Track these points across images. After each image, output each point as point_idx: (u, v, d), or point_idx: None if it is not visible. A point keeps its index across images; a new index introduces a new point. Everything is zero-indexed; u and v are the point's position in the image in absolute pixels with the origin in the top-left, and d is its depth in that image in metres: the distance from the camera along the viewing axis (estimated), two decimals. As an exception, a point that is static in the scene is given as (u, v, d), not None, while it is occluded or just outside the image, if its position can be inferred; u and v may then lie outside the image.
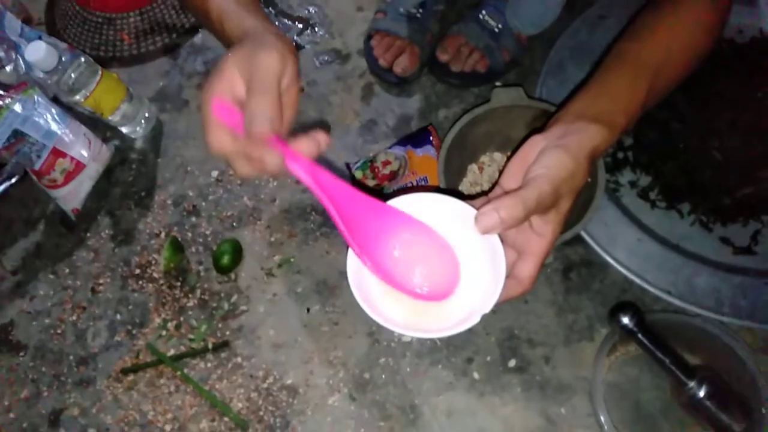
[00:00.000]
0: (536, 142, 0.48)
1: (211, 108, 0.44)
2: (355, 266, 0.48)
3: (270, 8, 0.95)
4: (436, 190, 0.61)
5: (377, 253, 0.47)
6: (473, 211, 0.45)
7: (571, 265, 0.75)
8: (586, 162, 0.47)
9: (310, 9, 0.95)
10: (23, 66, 0.73)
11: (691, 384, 0.61)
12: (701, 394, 0.60)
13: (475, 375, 0.70)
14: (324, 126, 0.85)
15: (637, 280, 0.70)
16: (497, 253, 0.46)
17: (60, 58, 0.72)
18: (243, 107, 0.44)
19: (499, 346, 0.71)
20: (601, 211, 0.72)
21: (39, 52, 0.70)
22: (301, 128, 0.84)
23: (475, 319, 0.45)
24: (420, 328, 0.46)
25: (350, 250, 0.48)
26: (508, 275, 0.47)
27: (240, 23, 0.52)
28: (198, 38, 0.94)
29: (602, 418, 0.64)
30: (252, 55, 0.45)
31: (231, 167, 0.46)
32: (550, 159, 0.46)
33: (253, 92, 0.43)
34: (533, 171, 0.46)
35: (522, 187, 0.45)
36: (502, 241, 0.47)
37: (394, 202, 0.49)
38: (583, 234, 0.71)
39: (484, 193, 0.54)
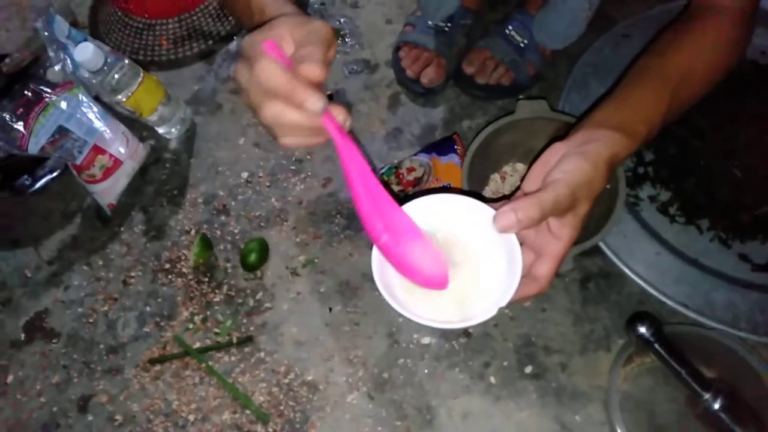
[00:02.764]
0: (557, 149, 0.50)
1: (262, 45, 0.43)
2: (379, 259, 0.50)
3: (303, 18, 0.99)
4: (459, 191, 0.63)
5: (377, 231, 0.48)
6: (492, 211, 0.47)
7: (589, 276, 0.76)
8: (604, 168, 0.49)
9: (341, 20, 0.98)
10: (70, 66, 0.77)
11: (707, 396, 0.62)
12: (716, 406, 0.61)
13: (492, 379, 0.71)
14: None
15: (655, 293, 0.71)
16: (514, 252, 0.48)
17: (105, 59, 0.76)
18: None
19: (516, 352, 0.73)
20: (620, 223, 0.73)
21: (87, 52, 0.74)
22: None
23: (492, 312, 0.47)
24: (439, 319, 0.49)
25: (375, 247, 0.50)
26: (526, 275, 0.49)
27: (281, 8, 0.51)
28: (233, 45, 0.98)
29: (617, 428, 0.65)
30: (305, 21, 0.45)
31: (261, 114, 0.44)
32: (569, 164, 0.48)
33: (305, 44, 0.43)
34: (552, 175, 0.48)
35: (540, 190, 0.47)
36: (520, 242, 0.49)
37: (418, 201, 0.52)
38: (603, 246, 0.73)
39: (506, 198, 0.56)
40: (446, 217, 0.52)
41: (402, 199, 0.55)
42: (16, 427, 0.73)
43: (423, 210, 0.51)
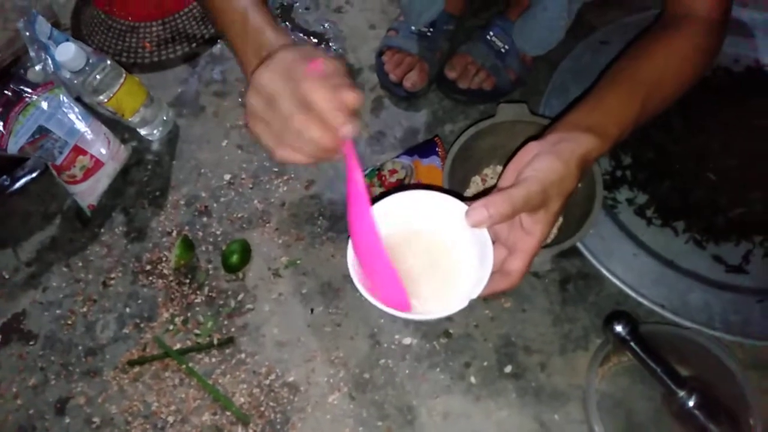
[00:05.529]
0: (531, 148, 0.51)
1: (309, 65, 0.44)
2: (354, 255, 0.51)
3: (287, 23, 1.00)
4: (436, 188, 0.64)
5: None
6: (464, 207, 0.49)
7: (568, 277, 0.77)
8: (576, 167, 0.50)
9: (325, 25, 0.99)
10: (51, 66, 0.77)
11: (682, 393, 0.63)
12: (691, 403, 0.62)
13: (472, 379, 0.72)
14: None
15: (632, 294, 0.72)
16: (486, 246, 0.49)
17: (87, 59, 0.76)
18: None
19: (496, 352, 0.73)
20: (598, 226, 0.75)
21: (69, 52, 0.74)
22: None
23: (463, 303, 0.48)
24: (412, 311, 0.49)
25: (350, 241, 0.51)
26: (499, 270, 0.50)
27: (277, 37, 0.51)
28: (216, 48, 0.98)
29: (595, 426, 0.66)
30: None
31: (287, 121, 0.44)
32: (541, 162, 0.49)
33: (333, 74, 0.45)
34: (524, 173, 0.49)
35: (512, 187, 0.48)
36: (494, 240, 0.50)
37: (392, 198, 0.53)
38: (581, 247, 0.74)
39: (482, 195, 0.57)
40: (420, 213, 0.53)
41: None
42: (-9, 430, 0.72)
43: (396, 206, 0.52)
